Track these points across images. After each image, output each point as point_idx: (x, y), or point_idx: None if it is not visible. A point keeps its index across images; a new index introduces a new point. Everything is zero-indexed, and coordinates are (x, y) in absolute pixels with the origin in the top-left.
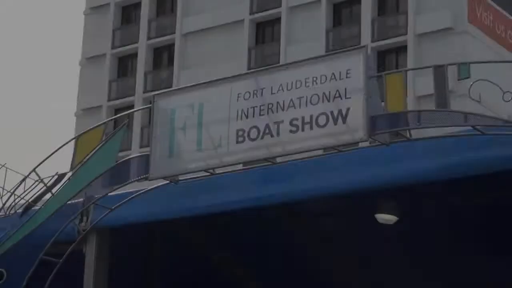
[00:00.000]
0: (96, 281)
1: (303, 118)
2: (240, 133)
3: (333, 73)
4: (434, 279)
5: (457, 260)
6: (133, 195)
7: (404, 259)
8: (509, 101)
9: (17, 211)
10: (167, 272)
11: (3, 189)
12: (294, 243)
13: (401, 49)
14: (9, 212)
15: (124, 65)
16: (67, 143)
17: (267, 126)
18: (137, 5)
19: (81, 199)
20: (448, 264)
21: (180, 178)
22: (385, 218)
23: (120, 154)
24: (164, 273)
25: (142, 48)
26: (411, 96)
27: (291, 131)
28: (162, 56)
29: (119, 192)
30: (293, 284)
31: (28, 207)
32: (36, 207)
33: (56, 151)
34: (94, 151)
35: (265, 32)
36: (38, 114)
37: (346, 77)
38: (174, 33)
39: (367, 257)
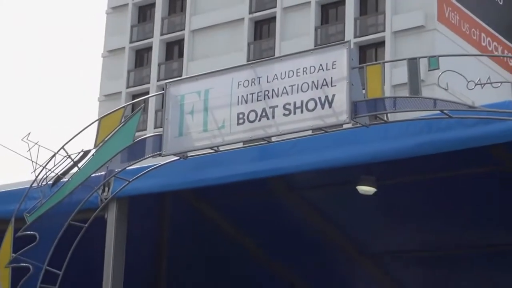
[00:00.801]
0: (116, 243)
1: (294, 103)
2: (241, 116)
3: (320, 65)
4: (408, 240)
5: (427, 225)
6: (148, 169)
7: (380, 224)
8: (472, 89)
9: (48, 182)
10: (177, 237)
11: (36, 163)
12: (288, 211)
13: (380, 44)
14: (41, 184)
15: (141, 57)
16: (91, 124)
17: (263, 110)
18: (152, 5)
19: (103, 173)
20: (418, 228)
21: (189, 155)
22: (365, 189)
23: (137, 134)
24: (175, 236)
25: (156, 42)
26: (388, 85)
27: (284, 114)
28: (173, 50)
29: (136, 167)
30: (291, 245)
31: (57, 179)
32: (65, 179)
33: (82, 131)
34: (114, 131)
35: (262, 29)
36: (67, 99)
37: (332, 68)
38: (184, 29)
39: (349, 222)
